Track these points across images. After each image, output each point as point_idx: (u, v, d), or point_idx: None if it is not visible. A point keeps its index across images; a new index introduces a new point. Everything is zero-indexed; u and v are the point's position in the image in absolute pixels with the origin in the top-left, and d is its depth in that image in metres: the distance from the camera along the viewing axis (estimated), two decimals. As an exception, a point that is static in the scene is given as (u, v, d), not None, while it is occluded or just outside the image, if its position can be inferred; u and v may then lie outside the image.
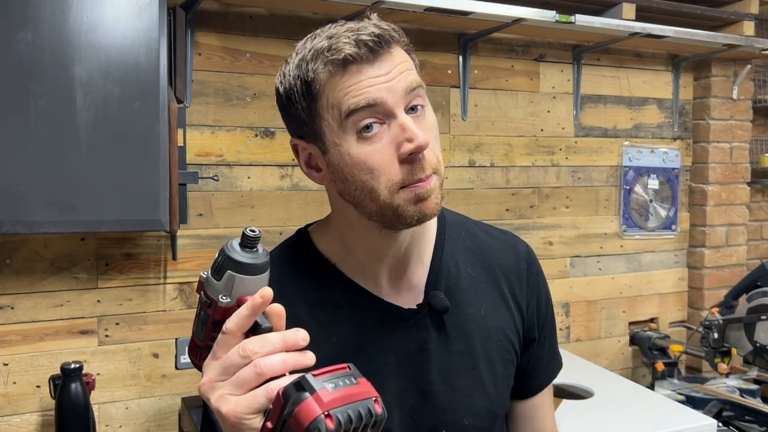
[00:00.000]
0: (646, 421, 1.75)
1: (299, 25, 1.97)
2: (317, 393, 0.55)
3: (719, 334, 2.26)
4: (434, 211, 0.79)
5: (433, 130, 0.81)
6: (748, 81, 2.63)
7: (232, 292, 0.62)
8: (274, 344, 0.61)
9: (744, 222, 2.67)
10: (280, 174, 1.97)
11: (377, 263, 0.88)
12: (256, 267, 0.63)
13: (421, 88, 0.80)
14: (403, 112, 0.77)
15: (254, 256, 0.63)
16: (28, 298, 1.70)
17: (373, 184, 0.77)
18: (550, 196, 2.38)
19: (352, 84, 0.76)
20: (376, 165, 0.77)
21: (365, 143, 0.77)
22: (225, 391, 0.61)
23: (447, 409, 0.85)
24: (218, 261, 0.63)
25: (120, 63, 1.51)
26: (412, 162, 0.77)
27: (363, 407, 0.56)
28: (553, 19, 1.97)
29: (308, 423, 0.54)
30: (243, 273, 0.62)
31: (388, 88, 0.76)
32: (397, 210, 0.78)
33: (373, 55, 0.76)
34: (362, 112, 0.76)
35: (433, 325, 0.87)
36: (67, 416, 1.60)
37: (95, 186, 1.50)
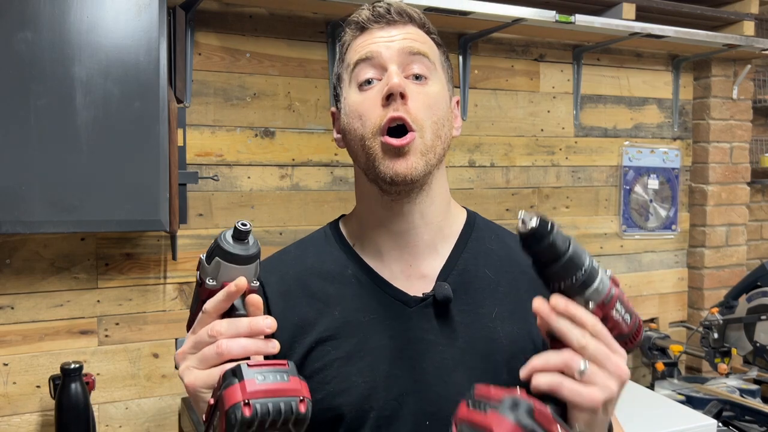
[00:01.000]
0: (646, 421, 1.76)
1: (299, 25, 1.97)
2: (244, 381, 0.58)
3: (719, 334, 2.26)
4: (409, 172, 0.82)
5: (432, 99, 0.86)
6: (748, 81, 2.63)
7: (218, 276, 0.68)
8: (239, 329, 0.66)
9: (744, 222, 2.67)
10: (280, 174, 1.97)
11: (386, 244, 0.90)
12: (241, 257, 0.68)
13: (425, 58, 0.87)
14: (396, 66, 0.85)
15: (243, 247, 0.68)
16: (28, 298, 1.70)
17: (362, 130, 0.85)
18: (550, 196, 2.38)
19: (361, 43, 0.88)
20: (364, 110, 0.85)
21: (362, 93, 0.86)
22: (191, 363, 0.67)
23: (435, 402, 0.85)
24: (211, 247, 0.69)
25: (120, 63, 1.51)
26: (389, 105, 0.83)
27: (285, 403, 0.59)
28: (553, 19, 1.97)
29: (228, 407, 0.58)
30: (228, 261, 0.68)
31: (387, 45, 0.86)
32: (374, 160, 0.84)
33: (383, 20, 0.88)
34: (362, 65, 0.86)
35: (437, 316, 0.87)
36: (67, 416, 1.60)
37: (95, 186, 1.50)
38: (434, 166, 0.86)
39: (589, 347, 0.67)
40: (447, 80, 0.92)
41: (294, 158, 1.98)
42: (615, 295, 0.70)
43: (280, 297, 0.91)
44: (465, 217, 0.98)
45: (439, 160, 0.88)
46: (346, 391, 0.84)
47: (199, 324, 0.69)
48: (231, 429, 0.57)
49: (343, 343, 0.85)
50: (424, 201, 0.89)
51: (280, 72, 1.96)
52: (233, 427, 0.57)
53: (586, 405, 0.66)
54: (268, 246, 1.95)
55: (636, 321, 0.73)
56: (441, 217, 0.92)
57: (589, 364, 0.67)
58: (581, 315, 0.68)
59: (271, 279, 0.93)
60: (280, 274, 0.93)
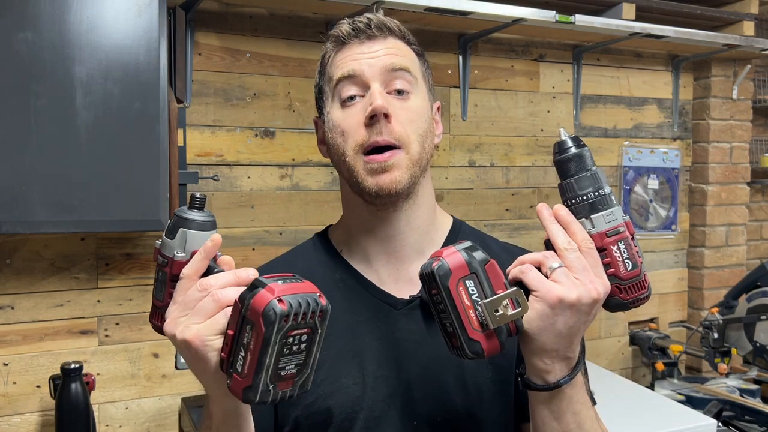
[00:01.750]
0: (646, 421, 1.76)
1: (299, 25, 1.97)
2: (269, 286, 0.62)
3: (719, 334, 2.26)
4: (393, 185, 0.84)
5: (414, 114, 0.87)
6: (748, 81, 2.63)
7: (185, 247, 0.70)
8: (227, 279, 0.68)
9: (744, 222, 2.67)
10: (280, 174, 1.97)
11: (373, 248, 0.91)
12: (205, 223, 0.71)
13: (407, 73, 0.88)
14: (379, 85, 0.85)
15: (202, 215, 0.71)
16: (28, 298, 1.70)
17: (344, 147, 0.87)
18: (550, 196, 2.38)
19: (342, 58, 0.88)
20: (346, 127, 0.86)
21: (344, 110, 0.87)
22: (188, 321, 0.67)
23: (422, 402, 0.86)
24: (172, 222, 0.71)
25: (120, 63, 1.51)
26: (372, 127, 0.84)
27: (310, 298, 0.63)
28: (553, 19, 1.97)
29: (263, 307, 0.61)
30: (193, 229, 0.70)
31: (369, 63, 0.86)
32: (357, 177, 0.85)
33: (363, 36, 0.88)
34: (344, 82, 0.87)
35: (424, 318, 0.89)
36: (67, 416, 1.60)
37: (95, 186, 1.50)
38: (419, 177, 0.88)
39: (569, 253, 0.70)
40: (428, 89, 0.93)
41: (294, 158, 1.98)
42: (621, 234, 0.72)
43: None
44: (451, 222, 0.99)
45: (424, 170, 0.89)
46: (335, 393, 0.85)
47: (179, 292, 0.69)
48: (270, 327, 0.60)
49: (332, 346, 0.86)
50: (410, 208, 0.90)
51: (280, 72, 1.96)
52: (273, 324, 0.60)
53: (543, 294, 0.68)
54: (268, 246, 1.95)
55: (637, 274, 0.73)
56: (427, 221, 0.93)
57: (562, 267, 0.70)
58: (575, 227, 0.72)
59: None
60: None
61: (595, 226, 0.72)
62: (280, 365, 0.62)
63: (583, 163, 0.74)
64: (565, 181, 0.75)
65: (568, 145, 0.75)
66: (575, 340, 0.71)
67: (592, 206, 0.73)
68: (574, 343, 0.72)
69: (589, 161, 0.74)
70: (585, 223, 0.72)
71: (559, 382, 0.72)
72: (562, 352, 0.71)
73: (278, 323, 0.60)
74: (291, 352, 0.63)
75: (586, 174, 0.73)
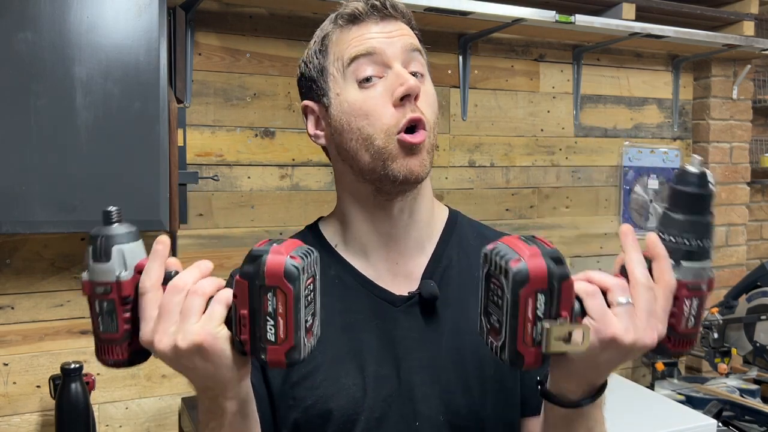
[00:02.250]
0: (646, 421, 1.76)
1: (299, 25, 1.97)
2: (271, 249, 0.62)
3: (719, 334, 2.26)
4: (421, 171, 0.82)
5: (431, 98, 0.85)
6: (748, 81, 2.63)
7: (126, 263, 0.65)
8: (194, 274, 0.65)
9: (744, 222, 2.67)
10: (280, 174, 1.97)
11: (372, 244, 0.89)
12: (134, 233, 0.67)
13: (420, 55, 0.86)
14: (400, 65, 0.83)
15: (126, 226, 0.67)
16: (28, 298, 1.70)
17: (369, 130, 0.82)
18: (550, 196, 2.38)
19: (356, 36, 0.84)
20: (371, 109, 0.82)
21: (363, 90, 0.83)
22: (183, 326, 0.63)
23: (424, 402, 0.84)
24: (96, 247, 0.65)
25: (120, 63, 1.51)
26: (404, 105, 0.81)
27: (307, 248, 0.65)
28: (553, 19, 1.97)
29: (282, 268, 0.61)
30: (128, 242, 0.66)
31: (389, 42, 0.83)
32: (387, 160, 0.81)
33: (378, 14, 0.84)
34: (362, 60, 0.83)
35: (424, 314, 0.86)
36: (67, 416, 1.60)
37: (95, 186, 1.50)
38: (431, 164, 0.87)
39: (643, 291, 0.63)
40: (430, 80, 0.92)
41: (294, 158, 1.98)
42: (700, 291, 0.67)
43: None
44: (447, 214, 0.97)
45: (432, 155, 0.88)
46: (336, 395, 0.83)
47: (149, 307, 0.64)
48: (297, 283, 0.61)
49: (330, 346, 0.84)
50: (416, 199, 0.88)
51: (280, 72, 1.96)
52: (297, 280, 0.61)
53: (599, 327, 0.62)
54: (268, 246, 1.95)
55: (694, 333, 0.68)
56: (428, 214, 0.91)
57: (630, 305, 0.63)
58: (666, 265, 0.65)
59: None
60: None
61: (682, 274, 0.66)
62: (306, 318, 0.63)
63: (707, 207, 0.66)
64: (678, 216, 0.66)
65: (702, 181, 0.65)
66: (609, 372, 0.68)
67: (689, 253, 0.66)
68: (607, 374, 0.68)
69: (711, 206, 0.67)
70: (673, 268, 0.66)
71: (580, 401, 0.69)
72: (592, 380, 0.68)
73: (301, 277, 0.61)
74: (308, 303, 0.64)
75: (703, 219, 0.66)
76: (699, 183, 0.65)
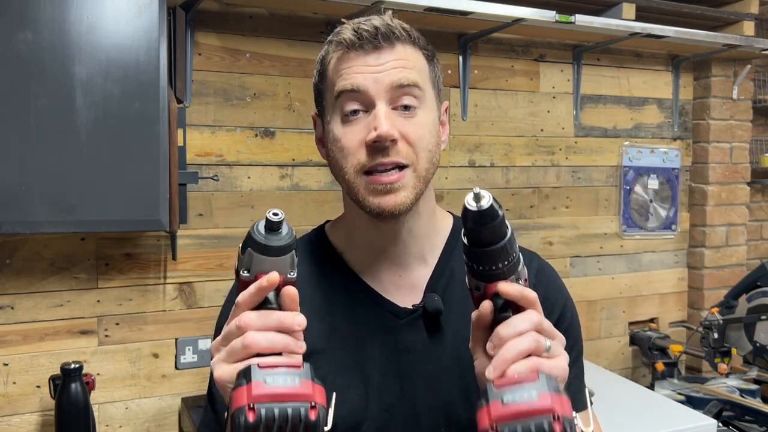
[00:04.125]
0: (646, 421, 1.76)
1: (299, 25, 1.97)
2: (251, 384, 0.57)
3: (719, 334, 2.26)
4: (397, 206, 0.81)
5: (422, 130, 0.83)
6: (748, 81, 2.63)
7: (251, 268, 0.66)
8: (267, 322, 0.64)
9: (744, 222, 2.67)
10: (280, 174, 1.97)
11: (375, 254, 0.89)
12: (272, 249, 0.65)
13: (415, 88, 0.82)
14: (384, 104, 0.81)
15: (275, 238, 0.66)
16: (28, 298, 1.70)
17: (343, 162, 0.83)
18: (550, 196, 2.38)
19: (346, 68, 0.82)
20: (346, 145, 0.82)
21: (346, 125, 0.83)
22: (220, 356, 0.66)
23: (426, 413, 0.84)
24: (245, 238, 0.67)
25: (120, 63, 1.51)
26: (375, 150, 0.80)
27: (293, 409, 0.57)
28: (553, 19, 1.97)
29: (234, 410, 0.57)
30: (259, 253, 0.65)
31: (375, 78, 0.81)
32: (357, 196, 0.82)
33: (368, 45, 0.81)
34: (346, 96, 0.82)
35: (427, 327, 0.87)
36: (67, 416, 1.60)
37: (95, 186, 1.50)
38: (423, 192, 0.84)
39: (543, 324, 0.67)
40: (436, 95, 0.88)
41: (294, 158, 1.98)
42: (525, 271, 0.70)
43: None
44: (451, 224, 0.96)
45: (428, 182, 0.85)
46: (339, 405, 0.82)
47: (231, 316, 0.67)
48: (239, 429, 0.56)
49: (335, 356, 0.85)
50: (412, 218, 0.88)
51: (280, 72, 1.96)
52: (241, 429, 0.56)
53: (562, 376, 0.66)
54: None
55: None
56: (428, 227, 0.91)
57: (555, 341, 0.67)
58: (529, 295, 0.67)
59: None
60: None
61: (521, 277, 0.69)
62: None
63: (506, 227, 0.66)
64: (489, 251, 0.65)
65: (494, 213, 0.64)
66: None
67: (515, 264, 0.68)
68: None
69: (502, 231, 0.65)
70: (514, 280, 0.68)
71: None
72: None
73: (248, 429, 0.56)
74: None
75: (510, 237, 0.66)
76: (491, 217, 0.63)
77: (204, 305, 1.89)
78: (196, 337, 1.87)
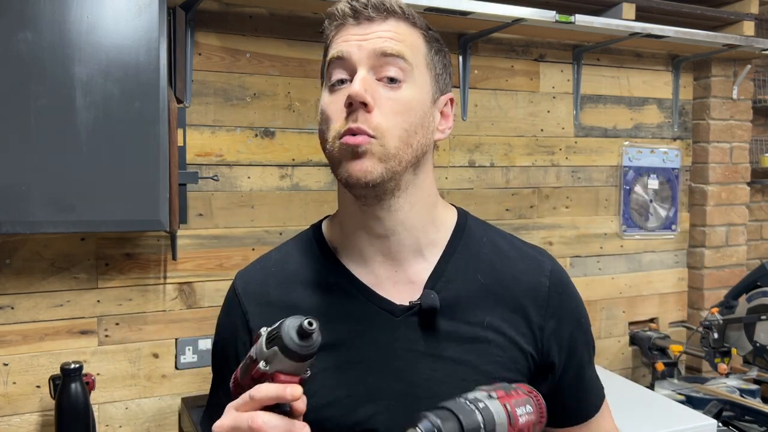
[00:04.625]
0: (646, 421, 1.76)
1: (299, 25, 1.97)
2: None
3: (719, 334, 2.26)
4: (363, 175, 0.79)
5: (402, 105, 0.81)
6: (748, 81, 2.63)
7: (272, 364, 0.69)
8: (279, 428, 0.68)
9: (744, 222, 2.67)
10: (280, 174, 1.97)
11: (366, 246, 0.87)
12: (300, 355, 0.68)
13: (400, 60, 0.81)
14: (365, 70, 0.81)
15: (305, 345, 0.68)
16: (28, 298, 1.70)
17: (326, 133, 0.83)
18: (550, 196, 2.38)
19: (337, 38, 0.84)
20: (329, 113, 0.82)
21: (331, 94, 0.83)
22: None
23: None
24: (274, 332, 0.69)
25: (120, 63, 1.51)
26: (349, 114, 0.80)
27: None
28: (553, 19, 1.97)
29: None
30: (286, 355, 0.68)
31: (359, 45, 0.81)
32: (335, 164, 0.82)
33: (359, 16, 0.82)
34: (334, 64, 0.83)
35: (425, 326, 0.85)
36: (67, 416, 1.60)
37: (95, 186, 1.50)
38: (399, 173, 0.81)
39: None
40: (432, 78, 0.86)
41: (294, 158, 1.98)
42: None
43: (259, 307, 0.89)
44: (455, 219, 0.93)
45: (408, 167, 0.82)
46: (332, 404, 0.82)
47: (243, 405, 0.69)
48: None
49: (328, 356, 0.82)
50: (402, 207, 0.85)
51: (280, 72, 1.96)
52: None
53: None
54: (268, 246, 1.94)
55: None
56: (424, 222, 0.88)
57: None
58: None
59: (250, 288, 0.91)
60: (259, 283, 0.91)
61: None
62: None
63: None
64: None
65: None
66: None
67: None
68: None
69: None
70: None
71: None
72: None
73: None
74: None
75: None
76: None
77: (204, 305, 1.89)
78: (196, 337, 1.88)
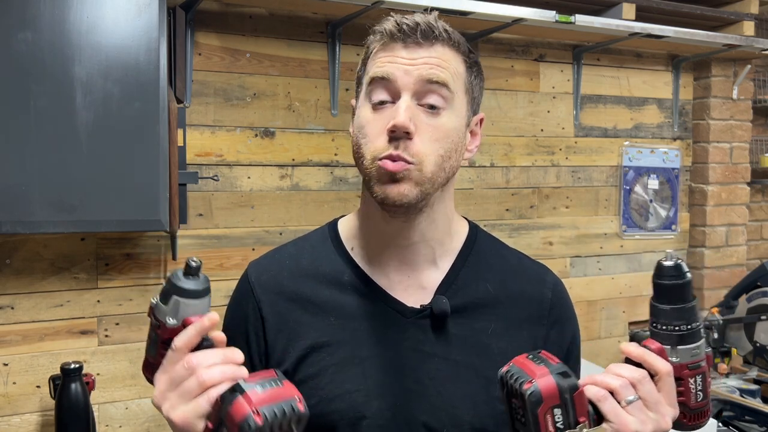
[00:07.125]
0: (646, 421, 1.75)
1: (299, 25, 1.97)
2: (247, 393, 0.64)
3: (719, 334, 2.26)
4: (399, 198, 0.82)
5: (441, 133, 0.84)
6: (748, 81, 2.63)
7: (178, 314, 0.71)
8: (214, 358, 0.69)
9: (744, 222, 2.67)
10: (280, 174, 1.97)
11: (385, 252, 0.90)
12: (198, 292, 0.72)
13: (444, 88, 0.83)
14: (409, 96, 0.82)
15: (196, 282, 0.72)
16: (28, 298, 1.70)
17: (364, 149, 0.84)
18: (550, 196, 2.38)
19: (382, 57, 0.85)
20: (369, 131, 0.84)
21: (373, 112, 0.84)
22: (174, 400, 0.69)
23: (428, 413, 0.84)
24: (165, 288, 0.72)
25: (120, 63, 1.51)
26: (392, 140, 0.82)
27: (287, 405, 0.65)
28: (553, 19, 1.97)
29: (239, 420, 0.63)
30: (186, 297, 0.71)
31: (405, 70, 0.82)
32: (370, 182, 0.84)
33: (408, 39, 0.83)
34: (376, 83, 0.84)
35: (434, 328, 0.87)
36: (67, 416, 1.60)
37: (95, 186, 1.50)
38: (432, 194, 0.85)
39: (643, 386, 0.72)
40: (469, 102, 0.89)
41: (294, 158, 1.98)
42: (701, 368, 0.75)
43: (272, 297, 0.91)
44: (467, 231, 0.97)
45: (439, 188, 0.87)
46: (338, 398, 0.84)
47: (169, 363, 0.71)
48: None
49: (338, 351, 0.85)
50: (424, 221, 0.89)
51: (280, 72, 1.96)
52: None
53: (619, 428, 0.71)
54: (268, 246, 1.94)
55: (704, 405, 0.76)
56: (442, 233, 0.92)
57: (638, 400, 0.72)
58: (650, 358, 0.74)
59: (264, 278, 0.92)
60: (273, 274, 0.93)
61: (680, 357, 0.75)
62: None
63: (687, 294, 0.74)
64: (663, 306, 0.75)
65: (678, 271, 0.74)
66: None
67: (681, 338, 0.75)
68: None
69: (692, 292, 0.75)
70: (670, 353, 0.75)
71: None
72: None
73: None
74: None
75: (686, 306, 0.74)
76: (675, 274, 0.74)
77: (204, 305, 1.89)
78: (196, 337, 1.87)
